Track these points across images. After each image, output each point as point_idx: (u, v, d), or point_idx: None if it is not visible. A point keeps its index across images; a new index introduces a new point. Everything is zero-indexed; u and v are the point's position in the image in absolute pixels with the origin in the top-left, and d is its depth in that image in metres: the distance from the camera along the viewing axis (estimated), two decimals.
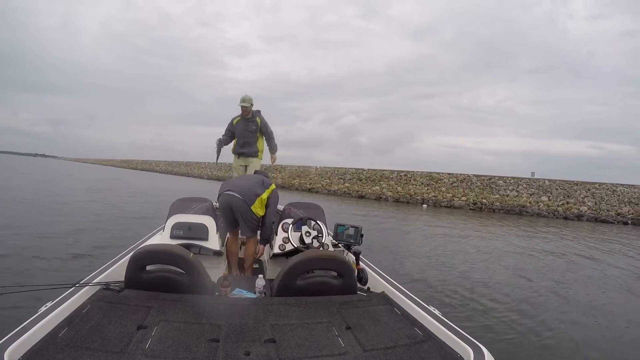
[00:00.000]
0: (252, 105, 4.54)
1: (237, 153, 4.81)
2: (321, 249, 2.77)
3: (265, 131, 4.74)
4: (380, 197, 21.56)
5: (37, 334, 1.36)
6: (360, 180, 25.04)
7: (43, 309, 1.54)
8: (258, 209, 2.98)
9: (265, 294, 2.25)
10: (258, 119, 4.63)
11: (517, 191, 19.83)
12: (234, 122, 4.68)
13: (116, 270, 2.15)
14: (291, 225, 2.87)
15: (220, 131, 4.91)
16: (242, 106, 4.49)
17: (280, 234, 2.92)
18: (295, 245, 2.77)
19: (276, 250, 2.87)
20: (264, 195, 3.02)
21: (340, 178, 26.07)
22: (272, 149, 4.92)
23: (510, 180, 20.82)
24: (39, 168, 39.00)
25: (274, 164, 5.20)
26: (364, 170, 26.12)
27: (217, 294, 2.15)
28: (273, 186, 3.18)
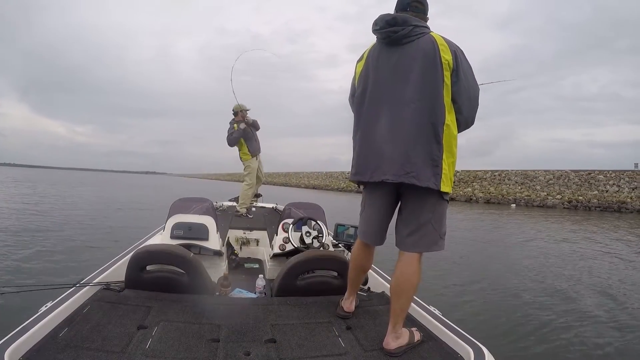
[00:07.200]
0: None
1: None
2: (321, 249, 2.77)
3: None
4: (471, 199, 20.17)
5: (37, 334, 1.36)
6: (453, 182, 23.97)
7: (43, 309, 1.53)
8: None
9: (265, 294, 2.26)
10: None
11: (618, 186, 17.39)
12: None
13: (116, 270, 2.15)
14: (291, 226, 2.87)
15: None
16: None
17: (281, 234, 2.92)
18: (296, 245, 2.77)
19: (276, 250, 2.87)
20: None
21: None
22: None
23: (611, 174, 18.56)
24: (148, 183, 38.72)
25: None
26: (458, 171, 24.49)
27: (217, 294, 2.15)
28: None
